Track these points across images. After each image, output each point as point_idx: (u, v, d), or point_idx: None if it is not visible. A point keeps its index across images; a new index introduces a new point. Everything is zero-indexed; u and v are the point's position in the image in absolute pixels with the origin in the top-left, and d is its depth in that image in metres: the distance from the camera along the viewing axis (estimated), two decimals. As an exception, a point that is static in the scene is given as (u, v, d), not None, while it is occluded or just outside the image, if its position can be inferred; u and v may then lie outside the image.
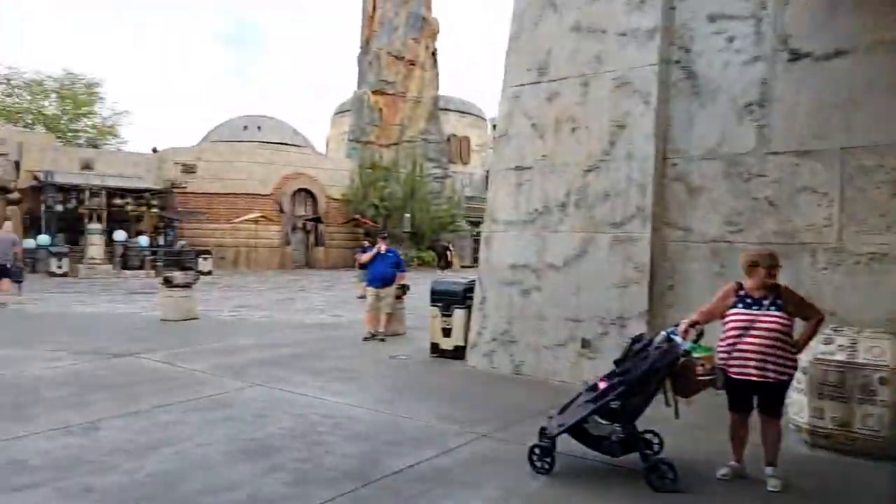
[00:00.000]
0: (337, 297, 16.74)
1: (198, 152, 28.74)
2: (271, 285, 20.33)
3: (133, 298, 15.29)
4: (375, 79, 34.04)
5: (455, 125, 38.63)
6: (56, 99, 41.75)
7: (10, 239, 13.92)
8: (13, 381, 6.69)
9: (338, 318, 12.30)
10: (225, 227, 27.81)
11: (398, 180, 31.82)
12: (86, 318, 11.67)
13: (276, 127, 32.35)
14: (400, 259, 10.13)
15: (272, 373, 7.23)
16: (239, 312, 12.92)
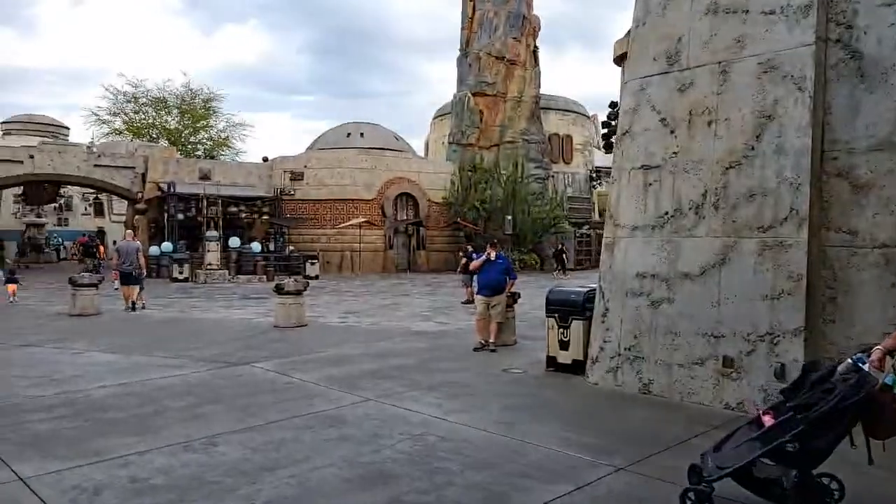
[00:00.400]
0: (441, 303, 16.52)
1: (304, 160, 29.62)
2: (376, 290, 20.47)
3: (246, 304, 15.76)
4: (475, 80, 33.76)
5: (557, 124, 37.69)
6: (177, 114, 44.66)
7: (136, 246, 14.51)
8: (138, 390, 6.82)
9: (444, 326, 12.01)
10: (330, 233, 28.46)
11: (499, 182, 31.37)
12: (203, 323, 12.05)
13: (377, 133, 32.81)
14: (510, 266, 9.68)
15: (384, 386, 6.99)
16: (346, 319, 12.93)
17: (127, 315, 13.18)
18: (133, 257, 13.93)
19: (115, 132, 42.15)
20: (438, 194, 31.04)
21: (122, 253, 14.05)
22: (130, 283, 13.83)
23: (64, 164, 25.68)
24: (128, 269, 13.81)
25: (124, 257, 13.90)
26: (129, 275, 13.79)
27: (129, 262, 13.84)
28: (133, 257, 13.93)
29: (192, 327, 11.53)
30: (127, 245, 14.36)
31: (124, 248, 14.29)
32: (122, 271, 13.96)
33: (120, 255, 14.07)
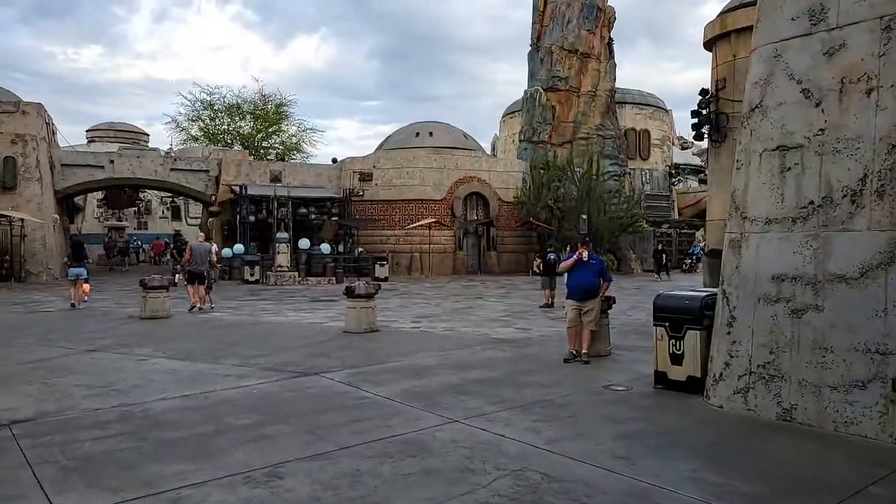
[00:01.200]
0: (518, 306, 15.56)
1: (373, 160, 29.24)
2: (447, 292, 19.70)
3: (315, 307, 15.27)
4: (547, 75, 32.57)
5: (633, 118, 36.00)
6: (250, 119, 45.44)
7: (207, 247, 14.74)
8: (200, 404, 6.21)
9: (526, 333, 11.05)
10: (399, 233, 27.93)
11: (573, 180, 30.07)
12: (272, 328, 11.54)
13: (446, 131, 32.10)
14: (604, 267, 8.64)
15: (469, 404, 6.12)
16: (420, 323, 12.17)
17: (195, 318, 12.87)
18: (205, 258, 14.21)
19: (192, 138, 43.30)
20: (509, 193, 30.04)
21: (195, 253, 14.27)
22: (198, 282, 14.03)
23: (142, 169, 26.19)
24: (198, 269, 14.00)
25: (196, 257, 14.15)
26: (199, 274, 13.96)
27: (200, 262, 14.03)
28: (205, 258, 14.21)
29: (260, 332, 11.03)
30: (199, 246, 14.60)
31: (196, 248, 14.50)
32: (192, 271, 14.17)
33: (192, 254, 14.29)
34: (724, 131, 16.88)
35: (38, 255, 22.13)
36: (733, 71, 16.83)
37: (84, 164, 25.06)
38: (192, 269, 14.07)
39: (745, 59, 17.46)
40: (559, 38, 32.65)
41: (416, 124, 32.86)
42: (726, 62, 16.96)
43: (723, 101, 16.91)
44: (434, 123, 32.85)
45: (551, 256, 16.56)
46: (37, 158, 22.49)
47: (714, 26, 17.42)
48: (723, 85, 16.96)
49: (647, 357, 8.38)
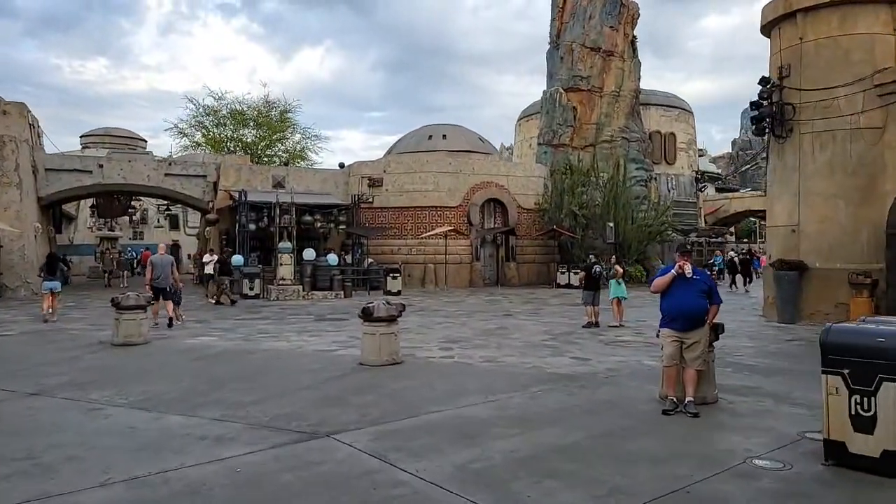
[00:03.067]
0: (558, 326, 13.40)
1: (383, 164, 27.20)
2: (469, 308, 17.55)
3: (322, 328, 13.13)
4: (568, 74, 30.53)
5: (658, 121, 33.88)
6: (254, 126, 43.60)
7: (170, 260, 13.37)
8: (154, 497, 4.07)
9: (585, 364, 8.89)
10: (412, 243, 25.82)
11: (597, 185, 27.95)
12: (270, 358, 9.39)
13: (460, 134, 30.08)
14: (713, 285, 6.47)
15: (563, 499, 3.97)
16: (450, 351, 10.02)
17: (178, 345, 10.73)
18: (167, 271, 13.03)
19: (194, 145, 41.45)
20: (529, 200, 27.93)
21: (157, 267, 13.04)
22: (165, 298, 12.87)
23: (133, 174, 24.17)
24: (161, 284, 12.82)
25: (159, 271, 12.96)
26: (163, 290, 12.85)
27: (163, 276, 12.88)
28: (167, 271, 13.03)
29: (255, 364, 8.89)
30: (161, 259, 13.29)
31: (158, 261, 13.16)
32: (156, 286, 12.84)
33: (154, 269, 13.04)
34: (789, 125, 14.76)
35: (17, 268, 20.07)
36: (800, 55, 14.72)
37: (70, 169, 23.02)
38: (156, 284, 12.86)
39: (815, 42, 15.40)
40: (580, 35, 30.65)
41: (428, 127, 30.86)
42: (791, 46, 14.85)
43: (787, 91, 14.80)
44: (447, 126, 30.87)
45: (597, 268, 14.41)
46: (16, 161, 20.48)
47: (776, 6, 15.34)
48: (787, 72, 14.84)
49: (772, 407, 6.29)
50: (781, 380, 7.88)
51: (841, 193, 14.02)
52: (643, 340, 11.31)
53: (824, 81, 14.17)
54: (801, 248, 14.49)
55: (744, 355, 9.67)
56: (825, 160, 14.21)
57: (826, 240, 14.16)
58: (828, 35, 14.25)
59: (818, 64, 14.31)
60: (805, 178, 14.47)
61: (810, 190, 14.39)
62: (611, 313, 13.85)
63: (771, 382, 7.64)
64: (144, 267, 28.25)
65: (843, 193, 13.99)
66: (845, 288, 13.78)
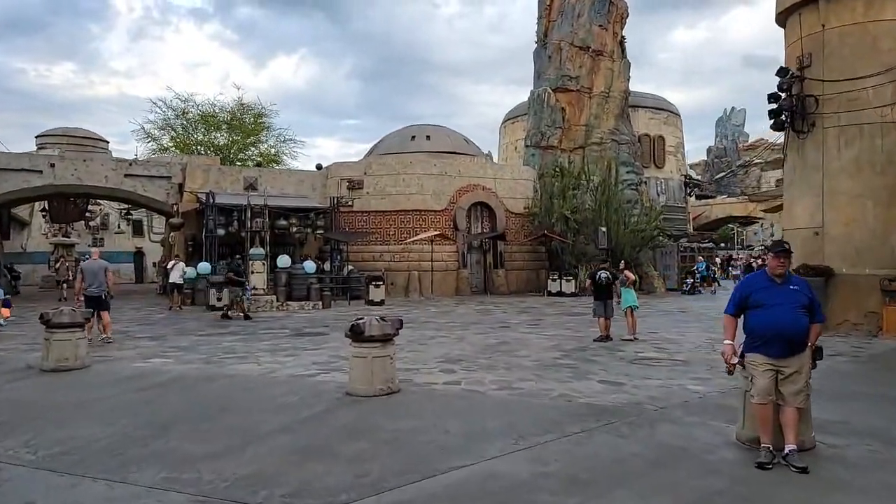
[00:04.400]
0: (567, 341, 11.92)
1: (364, 166, 25.55)
2: (461, 319, 16.00)
3: (299, 345, 11.46)
4: (556, 74, 29.26)
5: (647, 124, 32.76)
6: (227, 130, 41.65)
7: (103, 265, 11.74)
8: None
9: (621, 391, 7.39)
10: (395, 249, 24.20)
11: (588, 189, 26.66)
12: (234, 387, 7.70)
13: (445, 135, 28.55)
14: (815, 296, 4.99)
15: None
16: (454, 374, 8.45)
17: (125, 368, 8.98)
18: (101, 278, 11.48)
19: (162, 149, 39.28)
20: (518, 203, 26.51)
21: (88, 274, 11.48)
22: (101, 308, 11.39)
23: (90, 175, 22.17)
24: (95, 291, 11.39)
25: (90, 279, 11.41)
26: (97, 299, 11.37)
27: (95, 283, 11.42)
28: (101, 278, 11.48)
29: (215, 396, 7.21)
30: (91, 265, 11.68)
31: (88, 268, 11.59)
32: (89, 295, 11.37)
33: (84, 276, 11.48)
34: (811, 119, 13.50)
35: (-46, 277, 18.00)
36: (822, 44, 13.49)
37: (18, 169, 20.93)
38: (89, 293, 11.33)
39: (839, 30, 14.18)
40: (568, 34, 29.43)
41: (411, 127, 29.29)
42: (812, 34, 13.62)
43: (809, 83, 13.57)
44: (431, 126, 29.32)
45: (602, 275, 12.96)
46: (-46, 159, 18.44)
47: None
48: (808, 62, 13.60)
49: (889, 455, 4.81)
50: (863, 409, 6.48)
51: (868, 193, 12.81)
52: (669, 357, 9.89)
53: (850, 71, 12.96)
54: (826, 252, 13.23)
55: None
56: (851, 157, 12.99)
57: (853, 243, 12.93)
58: (853, 22, 13.06)
59: (842, 53, 13.11)
60: (829, 176, 13.24)
61: (835, 189, 13.15)
62: (619, 325, 12.42)
63: (855, 413, 6.22)
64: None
65: (871, 193, 12.78)
66: (876, 295, 12.55)
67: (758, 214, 51.03)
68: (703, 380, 8.00)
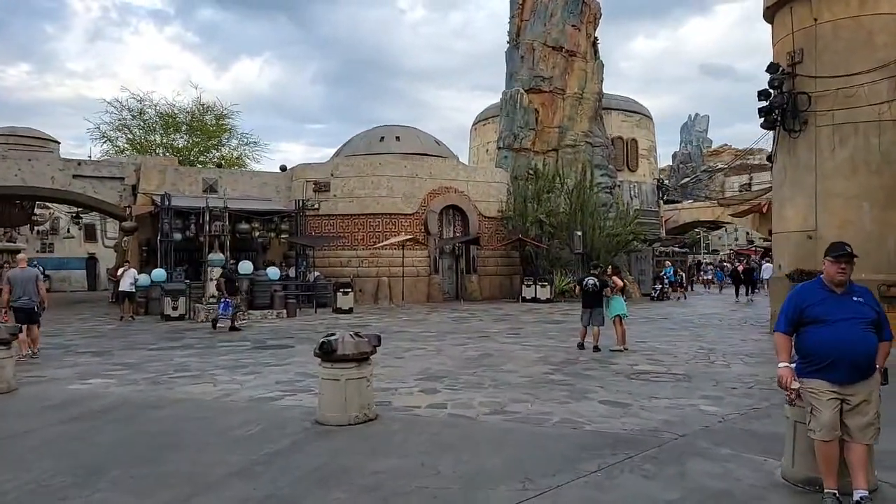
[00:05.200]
0: (551, 351, 11.08)
1: (331, 167, 24.44)
2: (436, 328, 15.06)
3: (262, 360, 10.37)
4: (529, 75, 28.58)
5: (619, 126, 32.31)
6: (187, 132, 40.02)
7: (32, 274, 10.60)
8: None
9: (625, 411, 6.56)
10: (363, 254, 23.14)
11: (563, 192, 26.00)
12: (184, 416, 6.61)
13: (415, 136, 27.58)
14: (881, 309, 4.19)
15: None
16: (438, 394, 7.51)
17: (57, 391, 7.81)
18: (30, 288, 10.31)
19: (118, 151, 37.41)
20: (491, 207, 25.69)
21: (16, 284, 10.29)
22: (31, 321, 10.29)
23: (35, 176, 20.62)
24: (27, 303, 10.23)
25: (20, 289, 10.23)
26: (27, 312, 10.24)
27: (25, 294, 10.25)
28: (30, 288, 10.31)
29: (159, 427, 6.12)
30: (20, 274, 10.46)
31: (16, 277, 10.36)
32: (19, 307, 10.21)
33: (12, 286, 10.28)
34: (803, 117, 12.96)
35: None
36: (814, 39, 12.97)
37: (-47, 168, 19.35)
38: (19, 305, 10.18)
39: (832, 24, 13.66)
40: (541, 34, 28.81)
41: (379, 128, 28.26)
42: (803, 28, 13.08)
43: (800, 79, 13.04)
44: (401, 127, 28.34)
45: (590, 281, 12.17)
46: None
47: (777, -11, 13.65)
48: (799, 57, 13.06)
49: None
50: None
51: (864, 194, 12.29)
52: (667, 371, 9.11)
53: (844, 67, 12.45)
54: (820, 256, 12.61)
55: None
56: (846, 156, 12.47)
57: (848, 247, 12.38)
58: (847, 15, 12.56)
59: (836, 48, 12.60)
60: (823, 177, 12.70)
61: (829, 191, 12.61)
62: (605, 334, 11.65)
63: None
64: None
65: (867, 194, 12.26)
66: (873, 302, 12.01)
67: (725, 219, 51.33)
68: (715, 399, 7.21)
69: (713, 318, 17.62)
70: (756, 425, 6.03)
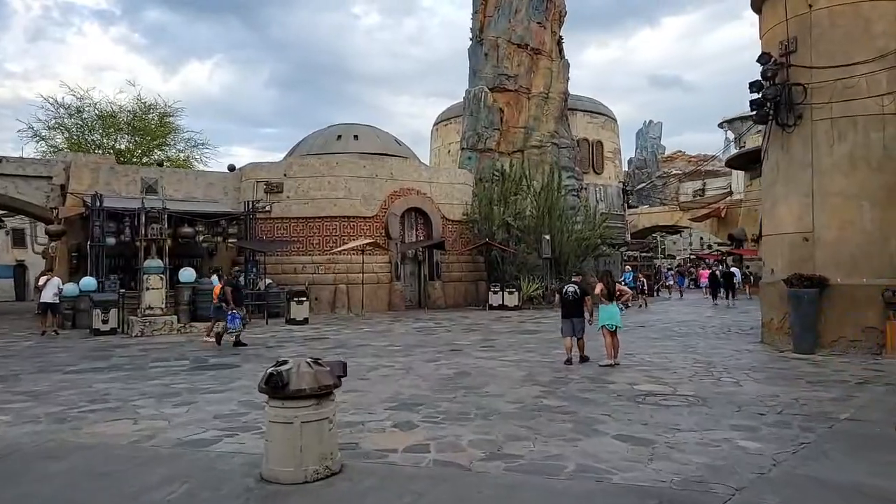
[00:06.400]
0: (534, 367, 9.80)
1: (284, 167, 22.76)
2: (401, 340, 13.65)
3: (200, 386, 8.78)
4: (494, 73, 27.50)
5: (585, 128, 31.47)
6: (129, 132, 37.47)
7: None
8: None
9: (650, 451, 5.31)
10: (319, 260, 21.53)
11: (530, 194, 24.93)
12: (86, 471, 5.04)
13: (374, 135, 26.11)
14: None
15: None
16: (414, 429, 6.11)
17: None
18: None
19: (54, 150, 34.69)
20: (455, 210, 24.40)
21: None
22: None
23: (-52, 173, 18.40)
24: None
25: None
26: None
27: None
28: None
29: (51, 492, 4.56)
30: None
31: None
32: None
33: None
34: (798, 110, 12.06)
35: None
36: (809, 26, 12.09)
37: None
38: None
39: (828, 10, 12.80)
40: (506, 31, 27.79)
41: (337, 126, 26.70)
42: (797, 16, 12.19)
43: (795, 70, 12.14)
44: (360, 126, 26.83)
45: (569, 289, 11.00)
46: None
47: (767, -22, 12.77)
48: (793, 47, 12.16)
49: None
50: None
51: (864, 193, 11.41)
52: (675, 392, 7.92)
53: (842, 57, 11.59)
54: (818, 259, 11.75)
55: (866, 421, 6.43)
56: (845, 152, 11.59)
57: (848, 249, 11.50)
58: (844, 1, 11.71)
59: (833, 36, 11.73)
60: (820, 174, 11.79)
61: (827, 189, 11.71)
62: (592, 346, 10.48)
63: None
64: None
65: (868, 193, 11.39)
66: (875, 308, 11.12)
67: (684, 223, 51.35)
68: (749, 430, 6.02)
69: (693, 326, 16.68)
70: (819, 470, 4.84)
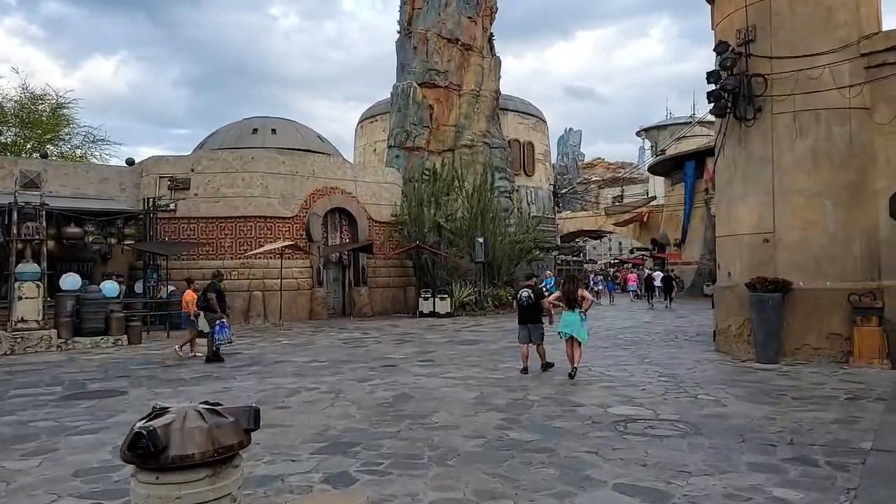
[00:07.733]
0: (484, 385, 8.40)
1: (191, 162, 20.47)
2: (325, 354, 11.98)
3: (67, 424, 6.83)
4: (423, 67, 26.13)
5: (516, 128, 30.60)
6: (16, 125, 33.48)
7: None
8: None
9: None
10: (232, 265, 19.40)
11: (462, 195, 23.70)
12: None
13: (294, 130, 24.11)
14: None
15: None
16: (353, 486, 4.52)
17: None
18: None
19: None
20: (382, 211, 22.82)
21: None
22: None
23: None
24: None
25: None
26: None
27: None
28: None
29: None
30: None
31: None
32: None
33: None
34: (757, 102, 11.31)
35: None
36: (769, 14, 11.36)
37: None
38: None
39: (788, -1, 12.09)
40: (435, 24, 26.50)
41: (252, 119, 24.52)
42: (755, 3, 11.50)
43: (754, 60, 11.38)
44: (278, 119, 24.77)
45: (523, 294, 9.82)
46: None
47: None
48: (752, 35, 11.41)
49: None
50: None
51: (827, 192, 10.76)
52: (658, 418, 6.72)
53: (804, 47, 10.91)
54: (779, 262, 10.99)
55: (893, 452, 5.37)
56: (807, 148, 10.90)
57: (811, 251, 10.80)
58: (805, -12, 11.08)
59: (794, 25, 11.04)
60: (781, 171, 11.06)
61: (788, 187, 10.99)
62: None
63: None
64: None
65: (831, 192, 10.74)
66: (840, 313, 10.43)
67: (608, 228, 51.79)
68: (774, 470, 4.83)
69: (637, 333, 15.82)
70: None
